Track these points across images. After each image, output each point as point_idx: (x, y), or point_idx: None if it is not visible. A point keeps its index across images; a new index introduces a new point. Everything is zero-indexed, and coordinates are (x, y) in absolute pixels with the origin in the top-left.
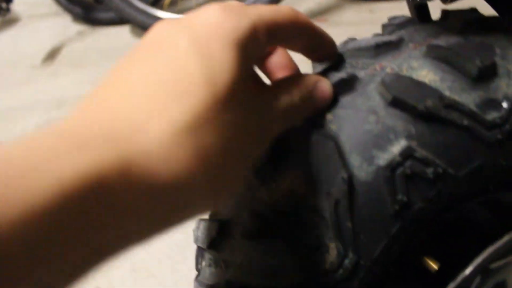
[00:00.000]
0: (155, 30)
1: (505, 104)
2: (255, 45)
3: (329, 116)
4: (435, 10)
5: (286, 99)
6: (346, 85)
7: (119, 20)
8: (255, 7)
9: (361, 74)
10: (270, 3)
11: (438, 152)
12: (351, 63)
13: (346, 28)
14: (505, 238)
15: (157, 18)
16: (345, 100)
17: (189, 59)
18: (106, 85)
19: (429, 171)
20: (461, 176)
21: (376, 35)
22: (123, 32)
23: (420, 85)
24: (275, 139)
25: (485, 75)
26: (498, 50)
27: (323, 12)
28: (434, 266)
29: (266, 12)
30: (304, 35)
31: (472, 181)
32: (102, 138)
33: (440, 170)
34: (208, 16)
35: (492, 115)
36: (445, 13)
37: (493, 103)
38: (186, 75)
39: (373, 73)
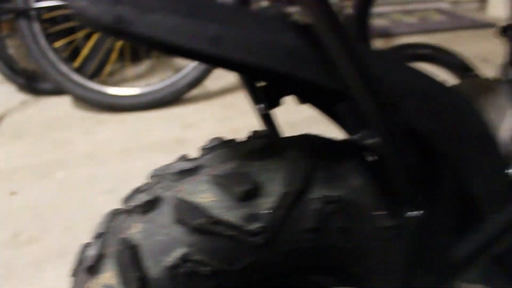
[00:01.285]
0: None
1: (264, 217)
2: None
3: (138, 228)
4: None
5: None
6: (151, 204)
7: (62, 90)
8: None
9: (165, 194)
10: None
11: (212, 255)
12: (162, 185)
13: None
14: None
15: (94, 91)
16: (150, 216)
17: None
18: None
19: (205, 269)
20: (236, 271)
21: (184, 160)
22: (64, 102)
23: (197, 207)
24: None
25: (247, 197)
26: (264, 175)
27: None
28: None
29: None
30: None
31: (249, 274)
32: None
33: (215, 268)
34: None
35: (254, 226)
36: (251, 135)
37: (255, 217)
38: None
39: (172, 195)
